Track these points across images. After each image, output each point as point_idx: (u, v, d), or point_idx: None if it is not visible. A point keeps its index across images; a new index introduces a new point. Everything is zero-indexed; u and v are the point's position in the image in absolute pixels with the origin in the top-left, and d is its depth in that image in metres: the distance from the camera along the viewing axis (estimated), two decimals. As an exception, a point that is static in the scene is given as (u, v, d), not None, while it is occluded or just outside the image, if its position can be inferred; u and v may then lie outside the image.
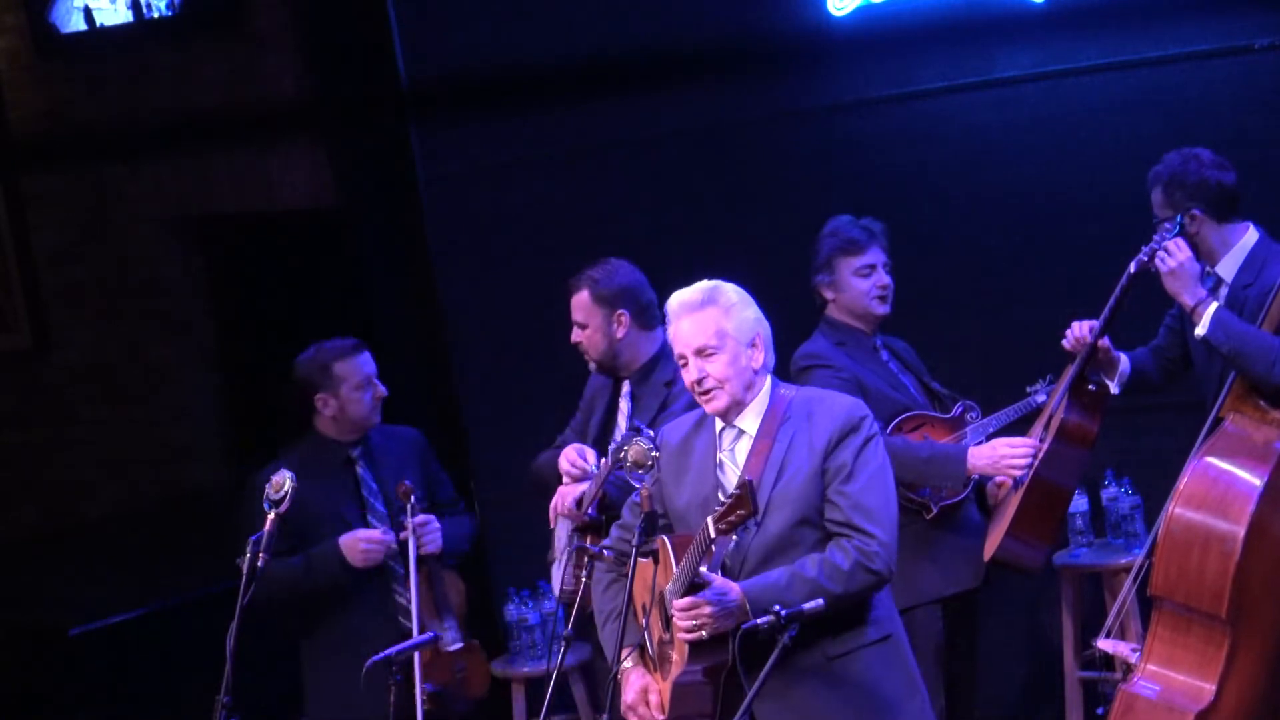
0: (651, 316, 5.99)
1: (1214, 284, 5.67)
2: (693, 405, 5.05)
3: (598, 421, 6.11)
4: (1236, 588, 5.14)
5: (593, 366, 6.12)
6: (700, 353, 4.79)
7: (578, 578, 5.89)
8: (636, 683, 4.89)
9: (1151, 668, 5.32)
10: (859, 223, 6.03)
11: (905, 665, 4.88)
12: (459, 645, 6.16)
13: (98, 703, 7.95)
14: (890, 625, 4.85)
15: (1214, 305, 5.48)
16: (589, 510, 5.87)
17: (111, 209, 9.21)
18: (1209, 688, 5.19)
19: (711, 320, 4.78)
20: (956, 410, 6.02)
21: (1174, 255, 5.54)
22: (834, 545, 4.69)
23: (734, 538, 4.62)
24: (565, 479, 5.95)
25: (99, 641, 8.04)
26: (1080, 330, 5.77)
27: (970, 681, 6.13)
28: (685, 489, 4.88)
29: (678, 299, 4.87)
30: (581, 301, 6.02)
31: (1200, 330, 5.48)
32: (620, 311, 5.97)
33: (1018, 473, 5.78)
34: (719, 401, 4.81)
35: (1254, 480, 5.20)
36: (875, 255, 5.99)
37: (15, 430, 9.59)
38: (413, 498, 6.07)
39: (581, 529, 5.94)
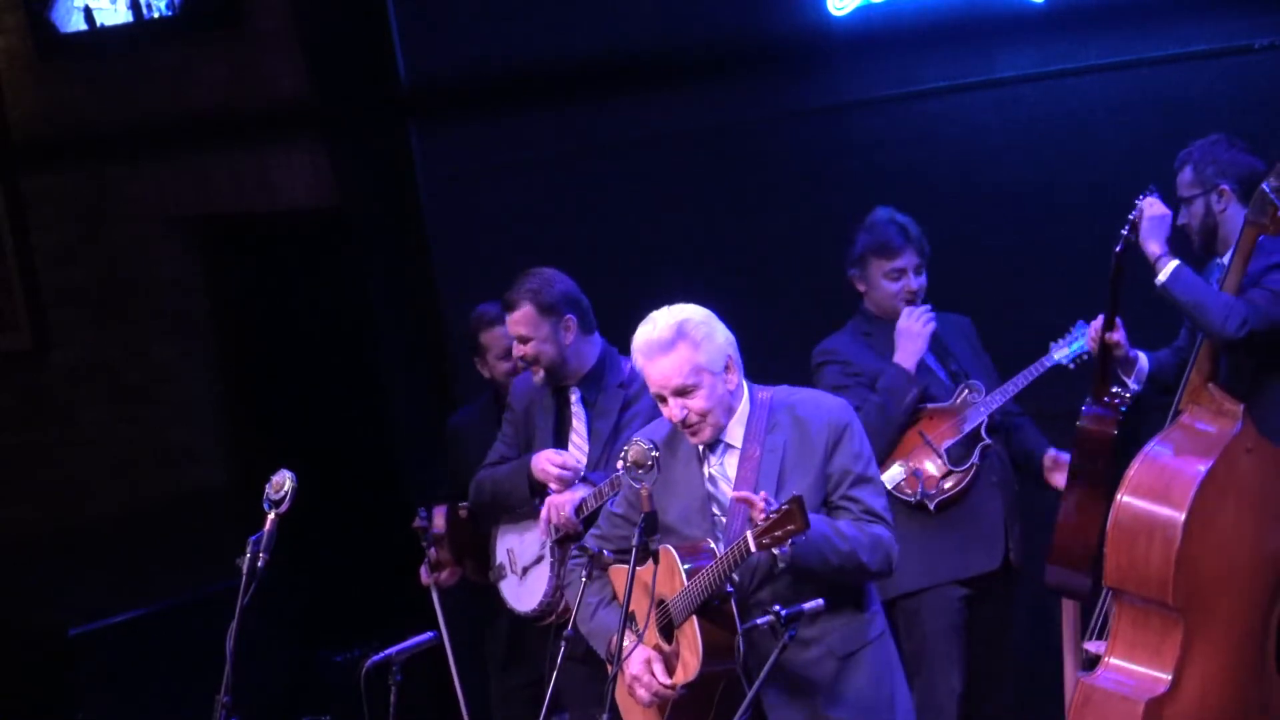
0: (591, 320, 5.97)
1: (1221, 276, 5.67)
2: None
3: (549, 432, 5.98)
4: (1181, 575, 5.16)
5: (539, 377, 5.96)
6: (679, 392, 4.76)
7: (559, 588, 5.86)
8: (639, 655, 4.88)
9: (1113, 660, 5.37)
10: (896, 220, 6.07)
11: (895, 658, 4.99)
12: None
13: (98, 703, 7.95)
14: (883, 620, 4.95)
15: (1176, 260, 5.51)
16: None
17: (111, 209, 9.21)
18: (1165, 677, 5.22)
19: (685, 359, 4.74)
20: (958, 394, 6.03)
21: (1156, 204, 5.60)
22: (868, 524, 4.74)
23: (775, 552, 4.60)
24: (554, 487, 5.83)
25: (99, 641, 8.04)
26: (1098, 328, 5.79)
27: (991, 671, 6.16)
28: (674, 501, 4.86)
29: (645, 338, 4.81)
30: (526, 315, 5.90)
31: (1161, 278, 5.50)
32: (568, 317, 5.89)
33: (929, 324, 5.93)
34: (705, 435, 4.82)
35: (1198, 467, 5.23)
36: (908, 259, 6.06)
37: (15, 430, 9.59)
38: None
39: (563, 540, 5.83)
